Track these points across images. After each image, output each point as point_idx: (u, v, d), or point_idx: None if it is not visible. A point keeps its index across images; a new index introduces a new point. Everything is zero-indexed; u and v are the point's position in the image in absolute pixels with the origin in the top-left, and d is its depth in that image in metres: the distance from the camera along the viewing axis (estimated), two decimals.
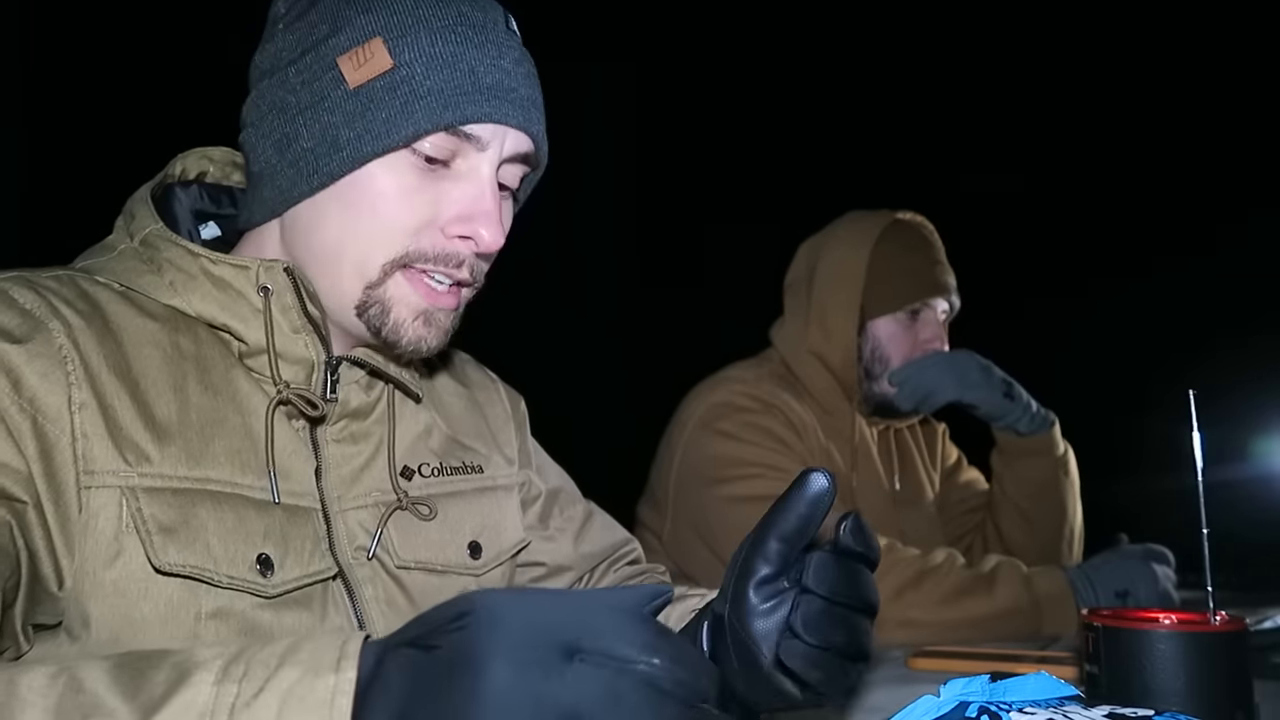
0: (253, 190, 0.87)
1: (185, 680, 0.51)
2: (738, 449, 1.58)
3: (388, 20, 0.80)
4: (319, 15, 0.83)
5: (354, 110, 0.80)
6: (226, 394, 0.83)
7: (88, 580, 0.73)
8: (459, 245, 0.84)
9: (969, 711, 0.69)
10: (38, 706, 0.51)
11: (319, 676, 0.50)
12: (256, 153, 0.85)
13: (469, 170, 0.83)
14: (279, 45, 0.84)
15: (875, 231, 1.68)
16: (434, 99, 0.80)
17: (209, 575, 0.76)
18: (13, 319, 0.74)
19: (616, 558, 1.13)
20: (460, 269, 0.85)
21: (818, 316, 1.69)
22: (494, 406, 1.08)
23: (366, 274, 0.83)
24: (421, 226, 0.83)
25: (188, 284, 0.83)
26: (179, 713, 0.50)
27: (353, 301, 0.84)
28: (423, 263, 0.83)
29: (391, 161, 0.81)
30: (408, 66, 0.79)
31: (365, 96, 0.80)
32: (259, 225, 0.89)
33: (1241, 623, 0.80)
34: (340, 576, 0.85)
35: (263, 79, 0.85)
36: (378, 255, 0.82)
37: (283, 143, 0.82)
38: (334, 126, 0.80)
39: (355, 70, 0.79)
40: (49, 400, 0.73)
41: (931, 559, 1.50)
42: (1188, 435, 0.82)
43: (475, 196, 0.83)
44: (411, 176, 0.82)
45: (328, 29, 0.81)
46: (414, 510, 0.91)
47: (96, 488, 0.73)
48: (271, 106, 0.83)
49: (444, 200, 0.83)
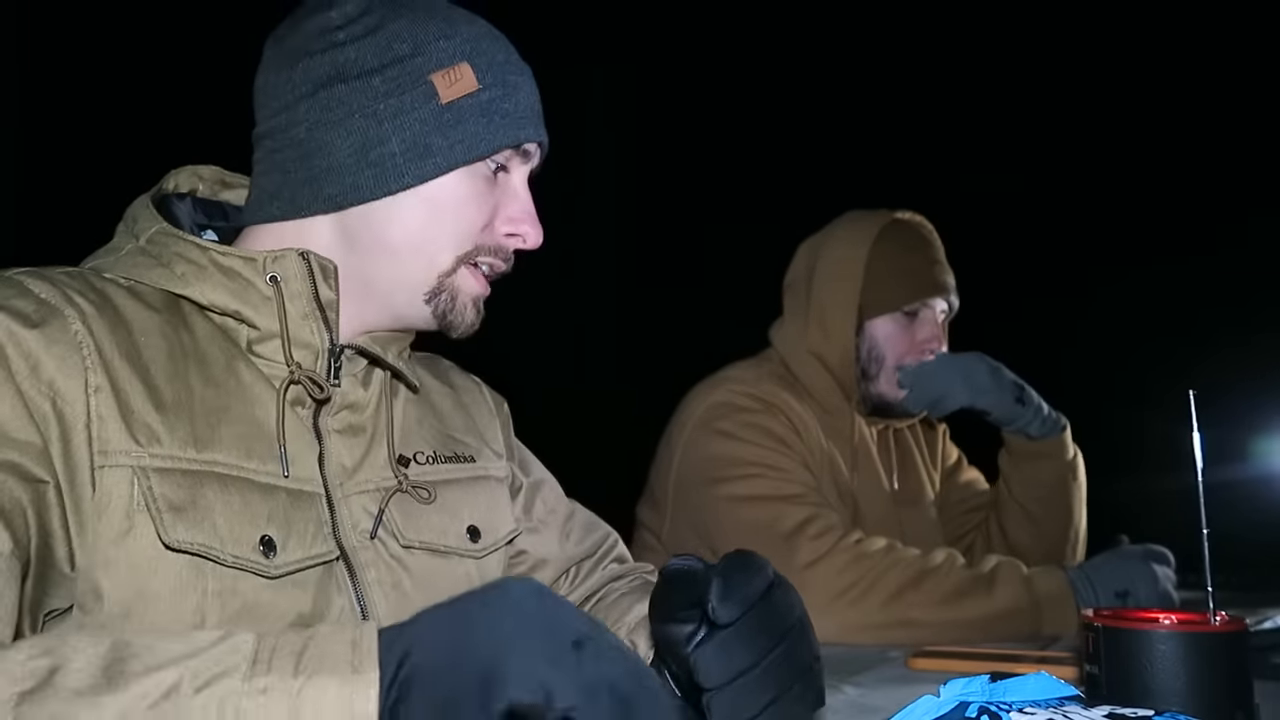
0: (306, 185, 0.90)
1: (230, 636, 0.57)
2: (737, 449, 1.58)
3: (468, 47, 0.91)
4: (396, 34, 0.90)
5: (446, 123, 0.89)
6: (228, 385, 0.86)
7: (99, 556, 0.76)
8: (507, 242, 0.96)
9: (969, 711, 0.69)
10: (86, 653, 0.55)
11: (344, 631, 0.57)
12: (323, 150, 0.89)
13: (519, 179, 0.96)
14: (347, 55, 0.89)
15: (874, 231, 1.68)
16: (510, 120, 0.92)
17: (215, 554, 0.78)
18: (30, 305, 0.77)
19: (601, 555, 1.15)
20: (506, 262, 0.97)
21: (816, 316, 1.69)
22: (479, 406, 1.12)
23: (440, 265, 0.92)
24: (484, 226, 0.93)
25: (199, 275, 0.86)
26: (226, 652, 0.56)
27: (424, 289, 0.92)
28: (484, 256, 0.95)
29: (471, 169, 0.91)
30: (490, 90, 0.91)
31: (455, 112, 0.89)
32: (298, 219, 0.92)
33: (1241, 623, 0.80)
34: (343, 560, 0.87)
35: (333, 84, 0.89)
36: (453, 250, 0.92)
37: (365, 145, 0.89)
38: (425, 136, 0.89)
39: (448, 87, 0.89)
40: (67, 384, 0.75)
41: (931, 559, 1.50)
42: (1188, 435, 0.82)
43: (524, 201, 0.96)
44: (483, 183, 0.93)
45: (409, 48, 0.90)
46: (414, 493, 0.94)
47: (110, 467, 0.76)
48: (352, 110, 0.89)
49: (499, 205, 0.94)
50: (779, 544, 1.46)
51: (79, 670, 0.54)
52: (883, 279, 1.66)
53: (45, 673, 0.54)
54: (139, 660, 0.55)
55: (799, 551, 1.46)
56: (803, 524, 1.49)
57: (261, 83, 0.93)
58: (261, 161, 0.93)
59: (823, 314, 1.68)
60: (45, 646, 0.56)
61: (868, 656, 1.28)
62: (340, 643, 0.56)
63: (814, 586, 1.42)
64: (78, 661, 0.55)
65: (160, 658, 0.55)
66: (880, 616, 1.43)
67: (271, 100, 0.91)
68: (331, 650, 0.55)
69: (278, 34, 0.94)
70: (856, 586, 1.44)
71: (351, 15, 0.91)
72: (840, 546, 1.47)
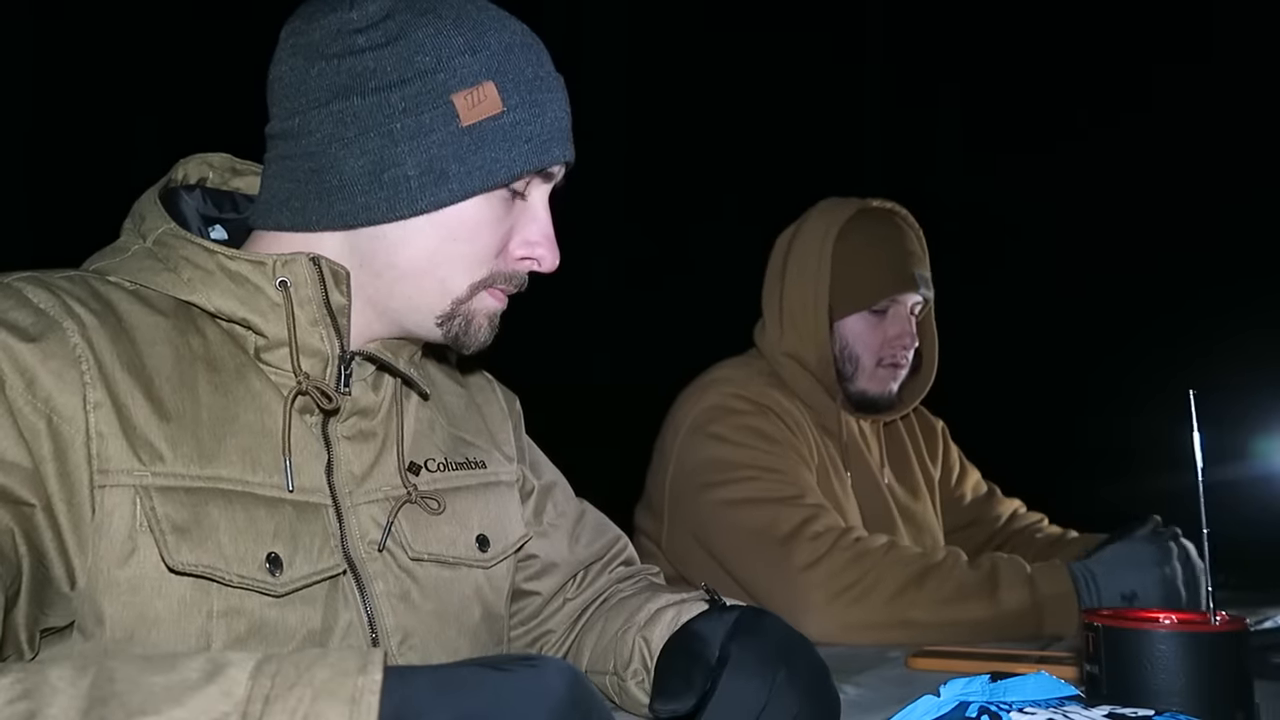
0: (319, 200, 0.87)
1: (221, 671, 0.54)
2: (731, 452, 1.56)
3: (498, 65, 0.86)
4: (419, 46, 0.85)
5: (465, 147, 0.85)
6: (238, 392, 0.84)
7: (101, 578, 0.74)
8: (521, 266, 0.92)
9: (969, 711, 0.69)
10: (67, 693, 0.52)
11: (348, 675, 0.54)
12: (334, 165, 0.85)
13: (539, 200, 0.92)
14: (365, 65, 0.84)
15: (839, 224, 1.64)
16: (533, 144, 0.87)
17: (220, 575, 0.77)
18: (27, 318, 0.75)
19: (610, 559, 1.14)
20: (520, 287, 0.94)
21: (789, 318, 1.67)
22: (491, 406, 1.10)
23: (454, 291, 0.89)
24: (499, 251, 0.90)
25: (206, 280, 0.84)
26: (215, 699, 0.52)
27: (435, 313, 0.90)
28: (498, 283, 0.91)
29: (489, 194, 0.88)
30: (514, 111, 0.86)
31: (476, 135, 0.85)
32: (308, 232, 0.89)
33: (1241, 623, 0.80)
34: (351, 572, 0.86)
35: (350, 95, 0.84)
36: (466, 277, 0.89)
37: (380, 164, 0.85)
38: (442, 160, 0.85)
39: (470, 109, 0.85)
40: (64, 399, 0.73)
41: (934, 557, 1.48)
42: (1188, 435, 0.82)
43: (542, 223, 0.92)
44: (501, 207, 0.89)
45: (432, 62, 0.84)
46: (423, 504, 0.93)
47: (110, 486, 0.74)
48: (368, 126, 0.84)
49: (515, 228, 0.91)
50: (776, 547, 1.45)
51: (56, 717, 0.52)
52: (848, 277, 1.63)
53: (23, 717, 0.52)
54: (120, 704, 0.52)
55: (797, 553, 1.44)
56: (800, 525, 1.47)
57: (275, 76, 0.88)
58: (273, 163, 0.89)
59: (793, 316, 1.66)
60: (25, 687, 0.53)
61: (868, 656, 1.28)
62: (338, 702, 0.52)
63: (813, 587, 1.41)
64: (56, 706, 0.52)
65: (144, 701, 0.52)
66: (881, 616, 1.42)
67: (285, 100, 0.87)
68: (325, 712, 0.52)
69: (294, 25, 0.88)
70: (857, 586, 1.42)
71: (373, 18, 0.85)
72: (839, 546, 1.45)
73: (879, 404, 1.69)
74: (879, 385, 1.67)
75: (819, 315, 1.64)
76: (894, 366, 1.67)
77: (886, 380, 1.68)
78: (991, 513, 1.90)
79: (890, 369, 1.67)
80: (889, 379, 1.68)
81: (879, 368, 1.67)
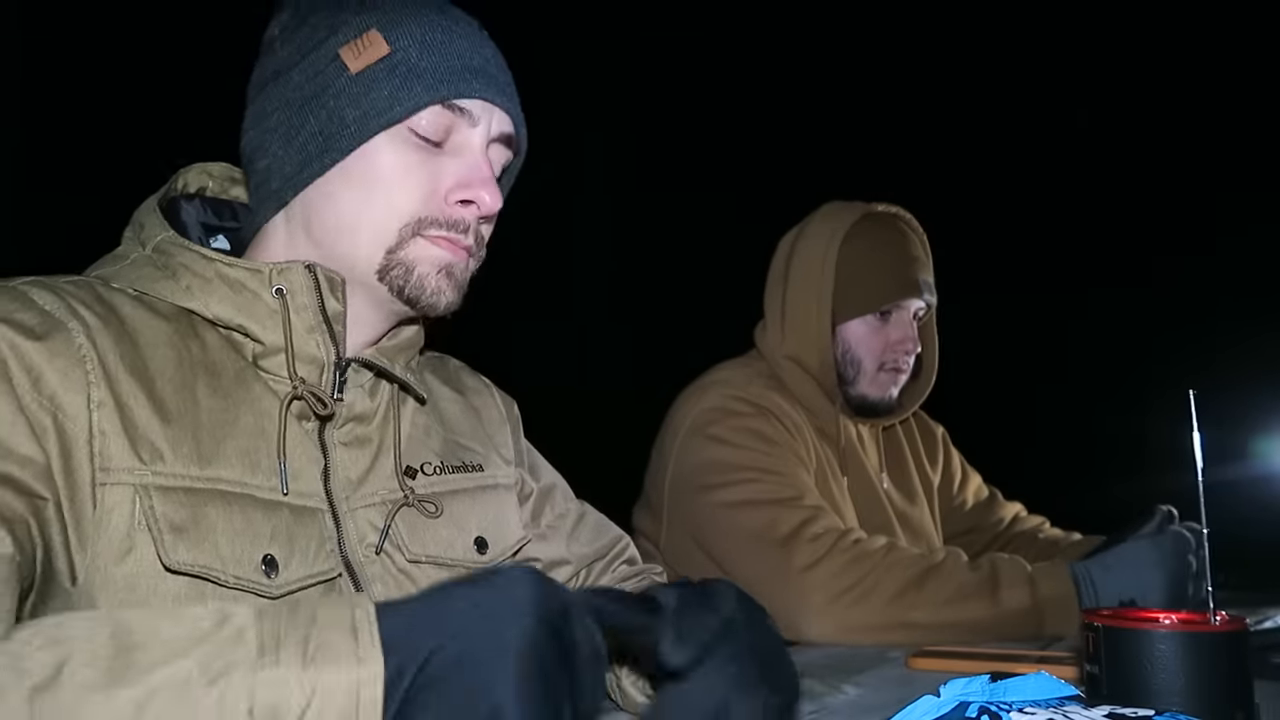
0: (260, 188, 0.92)
1: (228, 620, 0.56)
2: (729, 454, 1.56)
3: (381, 15, 0.88)
4: (315, 25, 0.90)
5: (358, 92, 0.87)
6: (237, 396, 0.85)
7: (99, 575, 0.75)
8: (462, 211, 0.91)
9: (969, 711, 0.69)
10: (93, 641, 0.55)
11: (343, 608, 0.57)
12: (262, 150, 0.90)
13: (463, 144, 0.91)
14: (278, 59, 0.91)
15: (844, 228, 1.65)
16: (430, 77, 0.87)
17: (216, 575, 0.78)
18: (33, 318, 0.76)
19: (612, 557, 1.15)
20: (466, 234, 0.92)
21: (791, 321, 1.67)
22: (489, 410, 1.11)
23: (385, 240, 0.89)
24: (427, 196, 0.89)
25: (204, 287, 0.86)
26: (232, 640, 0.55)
27: (374, 267, 0.89)
28: (435, 230, 0.90)
29: (393, 139, 0.88)
30: (403, 51, 0.87)
31: (367, 79, 0.87)
32: (264, 224, 0.93)
33: (1241, 623, 0.80)
34: (349, 575, 0.87)
35: (265, 87, 0.91)
36: (392, 222, 0.89)
37: (289, 133, 0.88)
38: (339, 109, 0.87)
39: (356, 58, 0.87)
40: (69, 398, 0.75)
41: (934, 558, 1.48)
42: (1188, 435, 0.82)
43: (472, 165, 0.91)
44: (412, 153, 0.89)
45: (326, 32, 0.89)
46: (420, 508, 0.94)
47: (111, 484, 0.75)
48: (276, 105, 0.89)
49: (443, 173, 0.90)
50: (776, 548, 1.45)
51: (86, 664, 0.54)
52: (852, 281, 1.64)
53: (54, 667, 0.53)
54: (144, 652, 0.54)
55: (796, 555, 1.44)
56: (799, 527, 1.47)
57: None
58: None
59: (795, 318, 1.67)
60: (49, 636, 0.55)
61: (868, 656, 1.28)
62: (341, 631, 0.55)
63: (813, 589, 1.41)
64: (83, 653, 0.54)
65: (167, 648, 0.55)
66: (881, 618, 1.41)
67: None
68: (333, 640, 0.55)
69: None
70: (857, 587, 1.42)
71: (285, 23, 0.92)
72: (838, 547, 1.45)
73: (879, 408, 1.69)
74: (880, 390, 1.68)
75: (822, 319, 1.65)
76: (895, 371, 1.68)
77: (887, 385, 1.68)
78: (993, 517, 1.90)
79: (891, 373, 1.68)
80: (890, 383, 1.68)
81: (880, 372, 1.67)
